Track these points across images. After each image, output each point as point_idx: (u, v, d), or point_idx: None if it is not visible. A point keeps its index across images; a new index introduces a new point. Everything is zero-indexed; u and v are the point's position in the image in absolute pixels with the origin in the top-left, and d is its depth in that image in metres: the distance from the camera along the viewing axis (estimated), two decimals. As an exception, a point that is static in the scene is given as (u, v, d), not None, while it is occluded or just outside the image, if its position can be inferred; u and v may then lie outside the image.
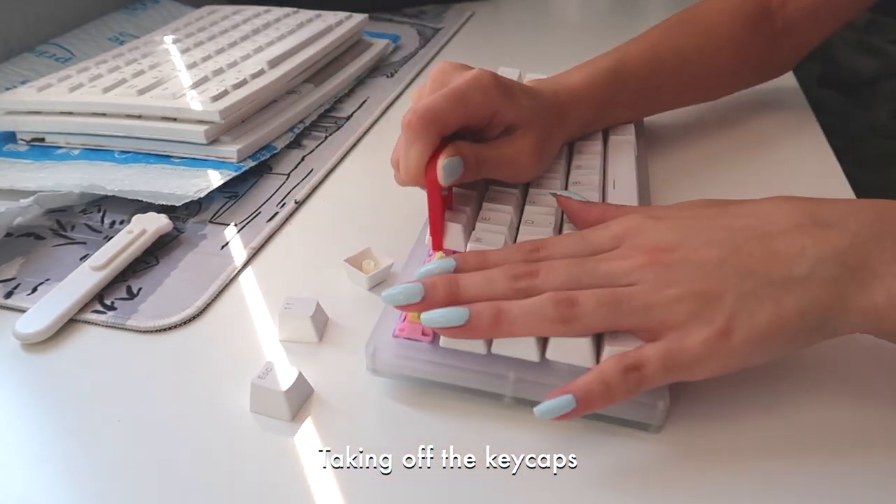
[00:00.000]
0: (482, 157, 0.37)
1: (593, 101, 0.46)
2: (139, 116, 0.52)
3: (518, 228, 0.38)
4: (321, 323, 0.36)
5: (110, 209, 0.48)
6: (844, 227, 0.28)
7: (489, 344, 0.31)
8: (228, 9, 0.75)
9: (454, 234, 0.37)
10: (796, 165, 0.51)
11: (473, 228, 0.38)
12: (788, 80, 0.65)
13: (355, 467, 0.29)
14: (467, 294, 0.31)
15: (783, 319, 0.27)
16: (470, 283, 0.31)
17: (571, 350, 0.30)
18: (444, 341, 0.31)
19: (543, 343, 0.31)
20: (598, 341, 0.31)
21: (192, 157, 0.52)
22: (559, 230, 0.39)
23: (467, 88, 0.36)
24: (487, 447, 0.30)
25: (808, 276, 0.27)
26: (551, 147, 0.43)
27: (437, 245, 0.37)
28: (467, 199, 0.40)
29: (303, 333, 0.36)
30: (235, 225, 0.46)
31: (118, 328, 0.38)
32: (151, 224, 0.44)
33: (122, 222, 0.46)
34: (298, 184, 0.51)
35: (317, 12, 0.72)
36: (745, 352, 0.28)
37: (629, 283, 0.29)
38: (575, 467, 0.29)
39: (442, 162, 0.35)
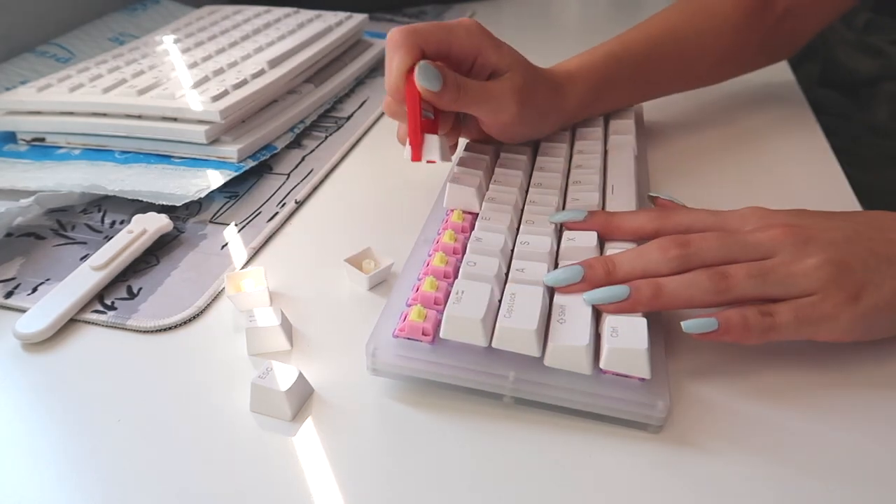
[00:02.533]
0: (463, 82, 0.38)
1: (590, 80, 0.47)
2: (139, 116, 0.52)
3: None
4: (289, 330, 0.36)
5: (111, 209, 0.48)
6: None
7: (489, 338, 0.31)
8: (229, 9, 0.75)
9: (431, 145, 0.39)
10: (796, 165, 0.51)
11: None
12: (788, 79, 0.65)
13: (355, 467, 0.29)
14: (623, 270, 0.33)
15: None
16: (624, 260, 0.33)
17: (569, 356, 0.30)
18: (444, 333, 0.31)
19: (544, 339, 0.31)
20: (598, 344, 0.31)
21: (193, 157, 0.52)
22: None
23: (452, 24, 0.39)
24: (487, 447, 0.30)
25: None
26: (538, 101, 0.43)
27: (416, 156, 0.38)
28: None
29: (274, 343, 0.36)
30: (236, 225, 0.46)
31: (118, 328, 0.38)
32: (152, 224, 0.44)
33: (122, 222, 0.46)
34: (298, 184, 0.51)
35: (317, 12, 0.72)
36: (870, 318, 0.31)
37: (769, 254, 0.32)
38: (575, 467, 0.29)
39: (419, 64, 0.37)
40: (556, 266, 0.35)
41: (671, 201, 0.40)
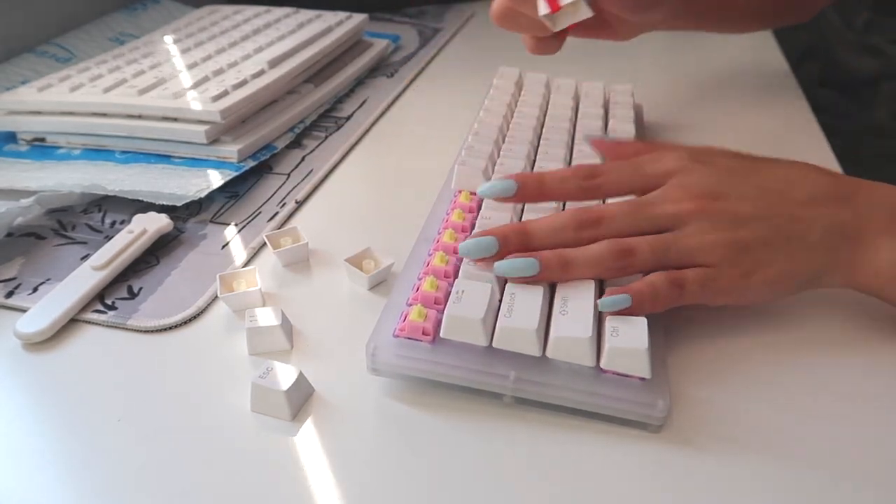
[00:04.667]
0: None
1: None
2: (140, 116, 0.52)
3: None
4: (289, 330, 0.36)
5: (111, 209, 0.48)
6: (851, 203, 0.35)
7: (490, 338, 0.31)
8: (229, 9, 0.75)
9: None
10: (796, 165, 0.51)
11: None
12: (788, 79, 0.65)
13: (356, 467, 0.29)
14: (536, 243, 0.34)
15: (791, 273, 0.34)
16: (538, 231, 0.35)
17: (571, 348, 0.30)
18: (444, 333, 0.31)
19: (544, 339, 0.31)
20: (599, 340, 0.31)
21: (193, 157, 0.52)
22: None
23: None
24: (487, 447, 0.30)
25: (818, 243, 0.34)
26: None
27: (555, 6, 0.40)
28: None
29: (274, 343, 0.36)
30: (236, 225, 0.46)
31: (119, 328, 0.38)
32: (152, 224, 0.44)
33: (122, 222, 0.46)
34: (299, 184, 0.51)
35: (317, 12, 0.72)
36: (758, 291, 0.34)
37: (675, 226, 0.34)
38: (575, 467, 0.29)
39: None
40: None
41: (603, 138, 0.42)
